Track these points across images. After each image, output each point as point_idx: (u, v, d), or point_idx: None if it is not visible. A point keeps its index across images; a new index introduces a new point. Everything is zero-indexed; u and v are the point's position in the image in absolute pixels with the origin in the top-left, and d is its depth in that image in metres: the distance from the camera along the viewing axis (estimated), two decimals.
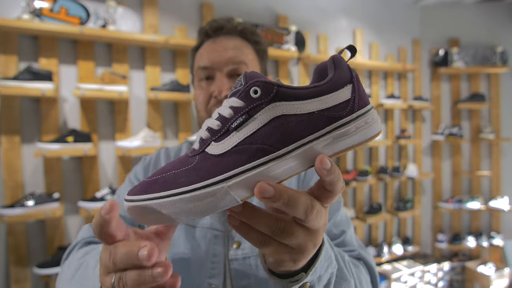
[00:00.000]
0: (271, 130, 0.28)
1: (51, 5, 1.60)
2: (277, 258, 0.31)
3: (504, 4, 2.92)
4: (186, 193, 0.26)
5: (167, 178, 0.28)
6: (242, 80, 0.30)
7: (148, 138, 1.72)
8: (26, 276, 1.57)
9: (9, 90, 1.41)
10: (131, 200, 0.28)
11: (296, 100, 0.29)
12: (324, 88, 0.29)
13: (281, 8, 2.32)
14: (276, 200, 0.26)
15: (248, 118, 0.29)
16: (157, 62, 1.89)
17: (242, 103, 0.29)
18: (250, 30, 0.70)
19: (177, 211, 0.27)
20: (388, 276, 2.42)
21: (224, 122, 0.29)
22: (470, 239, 2.80)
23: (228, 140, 0.29)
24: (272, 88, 0.29)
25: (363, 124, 0.30)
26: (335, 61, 0.30)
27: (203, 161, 0.28)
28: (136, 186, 0.29)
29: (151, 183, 0.28)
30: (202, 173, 0.27)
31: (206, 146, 0.29)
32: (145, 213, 0.27)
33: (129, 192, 0.29)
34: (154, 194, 0.27)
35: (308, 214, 0.28)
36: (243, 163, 0.27)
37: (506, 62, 2.84)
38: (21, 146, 1.59)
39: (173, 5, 1.96)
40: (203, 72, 0.67)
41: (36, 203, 1.47)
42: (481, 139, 2.85)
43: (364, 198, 2.67)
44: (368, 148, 2.71)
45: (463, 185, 2.98)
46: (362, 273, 0.53)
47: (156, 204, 0.26)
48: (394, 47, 2.84)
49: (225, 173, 0.27)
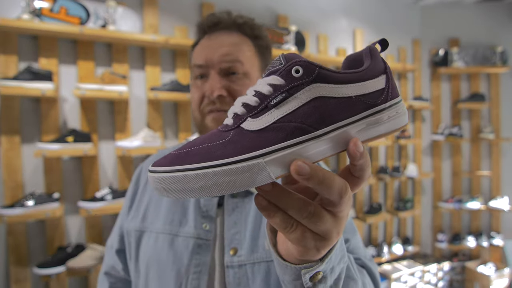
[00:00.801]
0: (310, 110, 0.28)
1: (51, 5, 1.60)
2: (301, 245, 0.30)
3: (504, 4, 2.92)
4: (223, 165, 0.26)
5: (200, 150, 0.27)
6: (282, 60, 0.30)
7: (148, 138, 1.72)
8: (26, 276, 1.57)
9: (9, 90, 1.41)
10: (158, 171, 0.26)
11: (336, 84, 0.29)
12: (362, 74, 0.30)
13: (281, 8, 2.32)
14: (311, 178, 0.26)
15: (288, 96, 0.29)
16: (157, 62, 1.89)
17: (282, 81, 0.29)
18: (250, 24, 0.66)
19: (211, 184, 0.26)
20: (388, 276, 2.42)
21: (262, 98, 0.29)
22: (470, 239, 2.80)
23: (266, 116, 0.28)
24: (314, 69, 0.29)
25: (394, 114, 0.31)
26: (371, 51, 0.32)
27: (239, 136, 0.28)
28: (162, 158, 0.28)
29: (181, 155, 0.27)
30: (239, 147, 0.27)
31: (242, 121, 0.29)
32: (174, 185, 0.26)
33: (154, 164, 0.27)
34: (187, 165, 0.26)
35: (343, 196, 0.28)
36: (281, 140, 0.27)
37: (506, 62, 2.84)
38: (21, 146, 1.59)
39: (173, 5, 1.96)
40: (198, 70, 0.64)
41: (36, 203, 1.47)
42: (481, 139, 2.85)
43: (364, 198, 2.68)
44: (368, 148, 2.71)
45: (463, 185, 2.98)
46: (366, 279, 0.51)
47: (190, 176, 0.26)
48: (394, 47, 2.84)
49: (263, 149, 0.27)
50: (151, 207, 0.65)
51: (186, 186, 0.26)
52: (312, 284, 0.33)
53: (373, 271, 0.56)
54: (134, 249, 0.63)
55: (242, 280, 0.54)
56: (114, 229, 0.72)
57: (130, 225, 0.65)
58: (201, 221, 0.60)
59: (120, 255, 0.68)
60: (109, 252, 0.71)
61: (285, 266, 0.33)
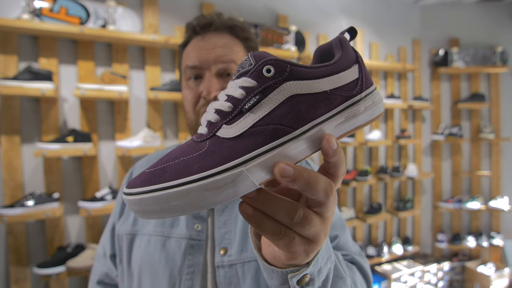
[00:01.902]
0: (287, 110, 0.28)
1: (51, 5, 1.60)
2: (291, 251, 0.28)
3: (504, 4, 2.92)
4: (202, 179, 0.25)
5: (177, 165, 0.26)
6: (251, 60, 0.29)
7: (148, 138, 1.72)
8: (26, 276, 1.57)
9: (9, 90, 1.41)
10: (135, 193, 0.25)
11: (310, 79, 0.28)
12: (335, 66, 0.30)
13: (281, 8, 2.32)
14: (296, 180, 0.25)
15: (262, 98, 0.28)
16: (157, 62, 1.89)
17: (254, 82, 0.28)
18: (240, 27, 0.67)
19: (193, 200, 0.24)
20: (388, 276, 2.42)
21: (236, 103, 0.28)
22: (470, 239, 2.80)
23: (242, 121, 0.27)
24: (285, 67, 0.28)
25: (370, 103, 0.31)
26: (341, 42, 0.31)
27: (216, 145, 0.27)
28: (137, 177, 0.26)
29: (157, 173, 0.25)
30: (217, 157, 0.26)
31: (217, 129, 0.28)
32: (155, 206, 0.24)
33: (129, 185, 0.26)
34: (165, 183, 0.24)
35: (329, 195, 0.27)
36: (260, 145, 0.26)
37: (506, 62, 2.84)
38: (21, 146, 1.59)
39: (173, 5, 1.96)
40: (191, 71, 0.64)
41: (36, 203, 1.47)
42: (481, 139, 2.85)
43: (364, 198, 2.67)
44: (368, 148, 2.71)
45: (463, 185, 2.98)
46: (356, 275, 0.51)
47: (170, 194, 0.24)
48: (394, 47, 2.84)
49: (243, 156, 0.26)
50: None
51: (168, 205, 0.24)
52: (300, 287, 0.32)
53: (363, 266, 0.55)
54: (126, 252, 0.63)
55: (233, 280, 0.55)
56: (104, 235, 0.71)
57: (121, 229, 0.65)
58: (192, 221, 0.60)
59: (114, 260, 0.68)
60: (100, 259, 0.70)
61: (271, 271, 0.33)
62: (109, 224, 0.71)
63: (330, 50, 0.32)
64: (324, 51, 0.33)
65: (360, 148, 2.61)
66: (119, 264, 0.65)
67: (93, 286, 0.70)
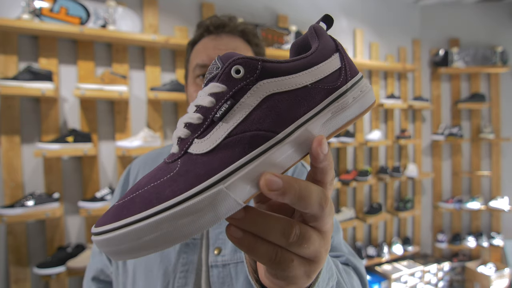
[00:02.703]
0: (264, 113, 0.24)
1: (51, 5, 1.60)
2: (290, 275, 0.25)
3: (504, 4, 2.92)
4: (176, 206, 0.21)
5: (146, 193, 0.22)
6: (218, 63, 0.26)
7: (148, 138, 1.72)
8: (26, 276, 1.57)
9: (9, 90, 1.41)
10: (102, 232, 0.21)
11: (286, 75, 0.25)
12: (313, 57, 0.27)
13: (281, 8, 2.33)
14: (286, 192, 0.22)
15: (234, 103, 0.24)
16: (157, 62, 1.89)
17: (223, 87, 0.25)
18: (252, 32, 0.68)
19: (170, 232, 0.21)
20: (388, 276, 2.42)
21: (205, 113, 0.25)
22: (470, 239, 2.80)
23: (214, 133, 0.24)
24: (256, 65, 0.25)
25: (359, 93, 0.28)
26: (316, 31, 0.28)
27: (188, 164, 0.23)
28: (106, 213, 0.23)
29: (126, 205, 0.22)
30: (191, 177, 0.22)
31: (188, 145, 0.24)
32: (125, 244, 0.21)
33: (98, 223, 0.22)
34: (134, 216, 0.21)
35: (324, 207, 0.24)
36: (239, 156, 0.23)
37: (506, 62, 2.84)
38: (21, 146, 1.59)
39: (173, 5, 1.96)
40: (201, 69, 0.64)
41: (36, 203, 1.47)
42: (481, 139, 2.85)
43: (364, 198, 2.67)
44: (368, 148, 2.71)
45: (463, 185, 2.98)
46: (353, 280, 0.50)
47: (140, 229, 0.20)
48: (394, 47, 2.84)
49: (220, 172, 0.22)
50: None
51: (138, 242, 0.21)
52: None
53: (358, 267, 0.55)
54: None
55: (226, 280, 0.55)
56: None
57: None
58: None
59: None
60: (96, 256, 0.70)
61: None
62: None
63: (306, 43, 0.29)
64: (300, 45, 0.30)
65: (360, 148, 2.61)
66: (114, 261, 0.65)
67: (87, 282, 0.70)
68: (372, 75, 2.69)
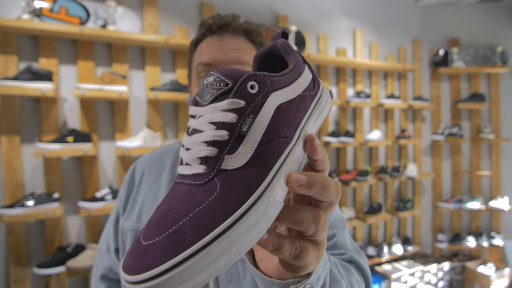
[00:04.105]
0: (279, 121, 0.27)
1: (51, 5, 1.60)
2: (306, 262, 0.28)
3: (504, 4, 2.92)
4: (239, 220, 0.22)
5: (195, 220, 0.21)
6: (225, 79, 0.27)
7: (148, 138, 1.72)
8: (26, 276, 1.57)
9: (9, 90, 1.41)
10: (154, 276, 0.19)
11: (286, 86, 0.29)
12: (297, 70, 0.31)
13: (281, 8, 2.32)
14: (312, 185, 0.26)
15: (255, 116, 0.26)
16: (157, 62, 1.89)
17: (243, 102, 0.26)
18: (256, 31, 0.68)
19: (238, 248, 0.21)
20: (388, 276, 2.42)
21: (231, 129, 0.25)
22: (470, 239, 2.80)
23: (245, 146, 0.25)
24: (266, 80, 0.27)
25: (326, 97, 0.33)
26: (287, 45, 0.32)
27: (229, 180, 0.24)
28: (139, 255, 0.21)
29: (174, 239, 0.21)
30: (240, 192, 0.23)
31: (219, 163, 0.25)
32: (197, 276, 0.20)
33: (133, 268, 0.20)
34: (198, 243, 0.20)
35: (339, 194, 0.28)
36: (272, 163, 0.26)
37: (506, 62, 2.84)
38: (21, 146, 1.59)
39: (173, 5, 1.96)
40: (204, 69, 0.64)
41: (36, 203, 1.47)
42: (481, 139, 2.85)
43: (364, 198, 2.67)
44: (368, 148, 2.71)
45: (463, 185, 2.98)
46: (353, 275, 0.50)
47: (212, 253, 0.20)
48: (394, 47, 2.84)
49: (264, 181, 0.24)
50: (146, 206, 0.65)
51: (215, 265, 0.21)
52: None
53: (362, 264, 0.55)
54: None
55: (234, 277, 0.55)
56: (107, 230, 0.71)
57: (125, 224, 0.65)
58: None
59: (118, 254, 0.68)
60: (104, 254, 0.70)
61: (271, 284, 0.32)
62: (112, 219, 0.71)
63: (270, 55, 0.33)
64: (263, 57, 0.33)
65: (360, 148, 2.61)
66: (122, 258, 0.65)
67: (95, 281, 0.70)
68: (372, 75, 2.69)
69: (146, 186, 0.68)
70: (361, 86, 2.61)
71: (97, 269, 0.70)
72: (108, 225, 0.71)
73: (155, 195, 0.65)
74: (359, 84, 2.61)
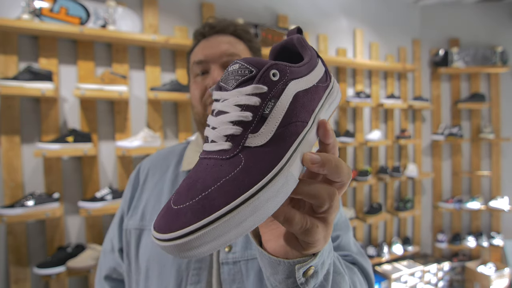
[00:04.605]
0: (296, 107, 0.30)
1: (51, 5, 1.60)
2: (315, 239, 0.30)
3: (504, 4, 2.92)
4: (262, 189, 0.25)
5: (223, 188, 0.24)
6: (250, 67, 0.29)
7: (148, 138, 1.72)
8: (26, 276, 1.57)
9: (9, 90, 1.41)
10: (184, 235, 0.22)
11: (303, 76, 0.31)
12: (312, 62, 0.33)
13: (281, 8, 2.32)
14: (325, 164, 0.28)
15: (276, 101, 0.29)
16: (157, 62, 1.89)
17: (265, 88, 0.29)
18: (243, 29, 0.71)
19: (261, 213, 0.24)
20: (388, 276, 2.42)
21: (254, 111, 0.29)
22: (470, 239, 2.80)
23: (266, 127, 0.28)
24: (286, 69, 0.30)
25: (337, 89, 0.36)
26: (303, 40, 0.34)
27: (253, 155, 0.27)
28: (169, 217, 0.24)
29: (202, 204, 0.24)
30: (264, 164, 0.26)
31: (244, 140, 0.28)
32: (223, 236, 0.23)
33: (161, 227, 0.23)
34: (225, 207, 0.23)
35: (351, 176, 0.30)
36: (291, 143, 0.28)
37: (506, 62, 2.84)
38: (21, 146, 1.59)
39: (173, 5, 1.96)
40: (198, 67, 0.67)
41: (36, 203, 1.47)
42: (481, 139, 2.85)
43: (364, 198, 2.67)
44: (368, 148, 2.71)
45: (463, 185, 2.98)
46: (356, 276, 0.50)
47: (240, 215, 0.23)
48: (394, 47, 2.84)
49: (283, 158, 0.27)
50: (149, 205, 0.65)
51: (241, 227, 0.24)
52: (305, 279, 0.33)
53: (365, 266, 0.55)
54: (134, 247, 0.63)
55: (237, 277, 0.55)
56: (111, 230, 0.72)
57: (129, 224, 0.66)
58: None
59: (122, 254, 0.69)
60: (108, 255, 0.71)
61: (277, 263, 0.33)
62: (116, 219, 0.71)
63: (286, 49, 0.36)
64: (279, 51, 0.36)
65: (360, 148, 2.61)
66: (126, 258, 0.66)
67: (99, 281, 0.70)
68: (372, 75, 2.68)
69: (150, 185, 0.69)
70: (361, 86, 2.61)
71: (101, 269, 0.71)
72: (113, 225, 0.72)
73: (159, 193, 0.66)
74: (359, 84, 2.61)
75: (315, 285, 0.34)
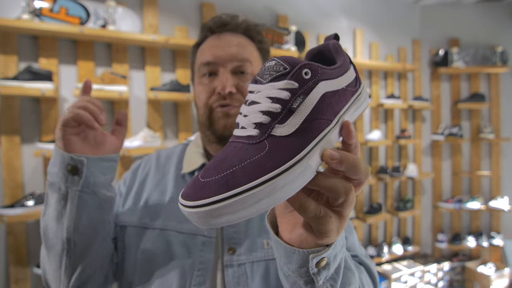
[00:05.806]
0: (323, 105, 0.32)
1: (51, 5, 1.60)
2: (328, 229, 0.31)
3: (504, 4, 2.92)
4: (283, 173, 0.27)
5: (247, 168, 0.27)
6: (284, 64, 0.32)
7: (148, 138, 1.72)
8: (26, 276, 1.57)
9: (9, 90, 1.41)
10: (209, 203, 0.25)
11: (333, 78, 0.33)
12: (344, 67, 0.35)
13: (281, 8, 2.32)
14: (343, 161, 0.29)
15: (305, 97, 0.31)
16: (157, 62, 1.89)
17: (296, 84, 0.31)
18: (255, 29, 0.69)
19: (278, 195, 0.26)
20: (388, 276, 2.42)
21: (283, 104, 0.31)
22: (470, 239, 2.80)
23: (293, 119, 0.30)
24: (318, 69, 0.32)
25: (364, 95, 0.37)
26: (338, 46, 0.36)
27: (277, 143, 0.29)
28: (198, 188, 0.27)
29: (227, 179, 0.26)
30: (286, 153, 0.28)
31: (271, 129, 0.30)
32: (243, 210, 0.25)
33: (189, 195, 0.26)
34: (247, 185, 0.26)
35: (368, 176, 0.32)
36: (313, 137, 0.30)
37: (506, 62, 2.84)
38: (21, 146, 1.59)
39: (173, 5, 1.96)
40: (206, 68, 0.65)
41: (36, 203, 1.47)
42: (481, 139, 2.85)
43: (364, 198, 2.67)
44: (368, 148, 2.71)
45: (463, 185, 2.98)
46: (363, 275, 0.51)
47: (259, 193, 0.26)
48: (394, 47, 2.84)
49: (304, 149, 0.29)
50: (151, 204, 0.65)
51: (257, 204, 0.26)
52: (317, 270, 0.34)
53: (371, 268, 0.56)
54: (134, 245, 0.63)
55: (241, 279, 0.55)
56: None
57: (126, 219, 0.65)
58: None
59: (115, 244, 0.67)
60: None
61: (292, 252, 0.34)
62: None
63: (322, 53, 0.37)
64: (315, 54, 0.38)
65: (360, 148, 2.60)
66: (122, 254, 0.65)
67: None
68: (372, 75, 2.69)
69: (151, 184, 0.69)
70: None
71: None
72: None
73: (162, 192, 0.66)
74: None
75: (326, 277, 0.36)
